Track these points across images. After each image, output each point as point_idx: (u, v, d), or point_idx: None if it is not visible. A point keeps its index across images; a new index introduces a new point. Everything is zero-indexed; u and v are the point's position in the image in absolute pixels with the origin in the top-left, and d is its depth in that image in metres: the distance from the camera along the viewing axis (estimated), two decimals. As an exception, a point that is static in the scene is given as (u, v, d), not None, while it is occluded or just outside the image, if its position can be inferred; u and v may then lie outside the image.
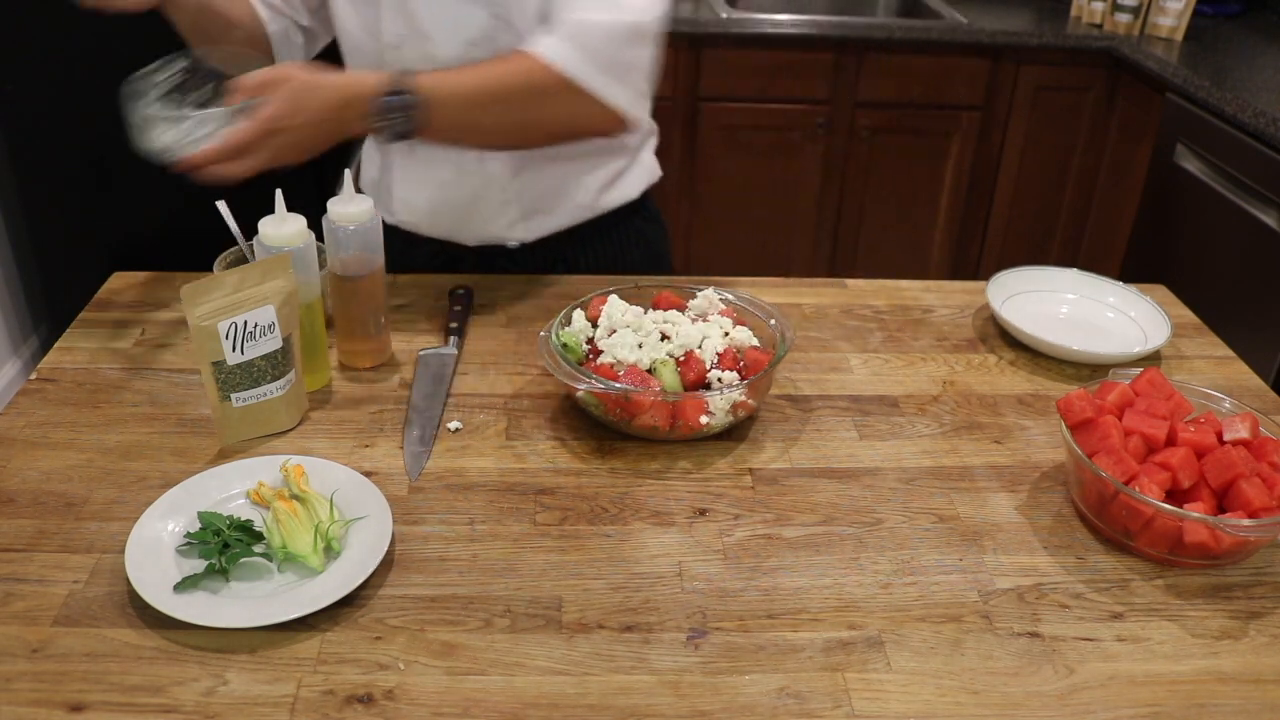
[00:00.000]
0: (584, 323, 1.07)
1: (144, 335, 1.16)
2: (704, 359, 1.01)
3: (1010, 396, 1.14)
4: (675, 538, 0.91)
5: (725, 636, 0.81)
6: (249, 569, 0.84)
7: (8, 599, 0.81)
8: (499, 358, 1.16)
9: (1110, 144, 2.78)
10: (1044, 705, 0.76)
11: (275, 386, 0.99)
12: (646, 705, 0.75)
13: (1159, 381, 0.99)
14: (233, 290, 0.94)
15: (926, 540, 0.92)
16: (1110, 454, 0.90)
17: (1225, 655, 0.82)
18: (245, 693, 0.74)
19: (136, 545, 0.84)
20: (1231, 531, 0.85)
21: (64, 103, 2.17)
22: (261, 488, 0.91)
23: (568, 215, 1.34)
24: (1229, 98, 2.20)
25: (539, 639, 0.80)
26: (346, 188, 1.05)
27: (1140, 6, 2.69)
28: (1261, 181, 2.12)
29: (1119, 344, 1.22)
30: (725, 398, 0.99)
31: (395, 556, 0.87)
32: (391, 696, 0.75)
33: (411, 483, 0.96)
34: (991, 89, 2.75)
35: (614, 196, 1.35)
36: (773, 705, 0.75)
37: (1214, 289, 2.25)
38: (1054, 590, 0.87)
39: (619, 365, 1.00)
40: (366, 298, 1.09)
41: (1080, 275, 1.33)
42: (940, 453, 1.04)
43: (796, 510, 0.95)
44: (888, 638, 0.81)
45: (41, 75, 2.15)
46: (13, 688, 0.74)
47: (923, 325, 1.27)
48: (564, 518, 0.93)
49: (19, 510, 0.91)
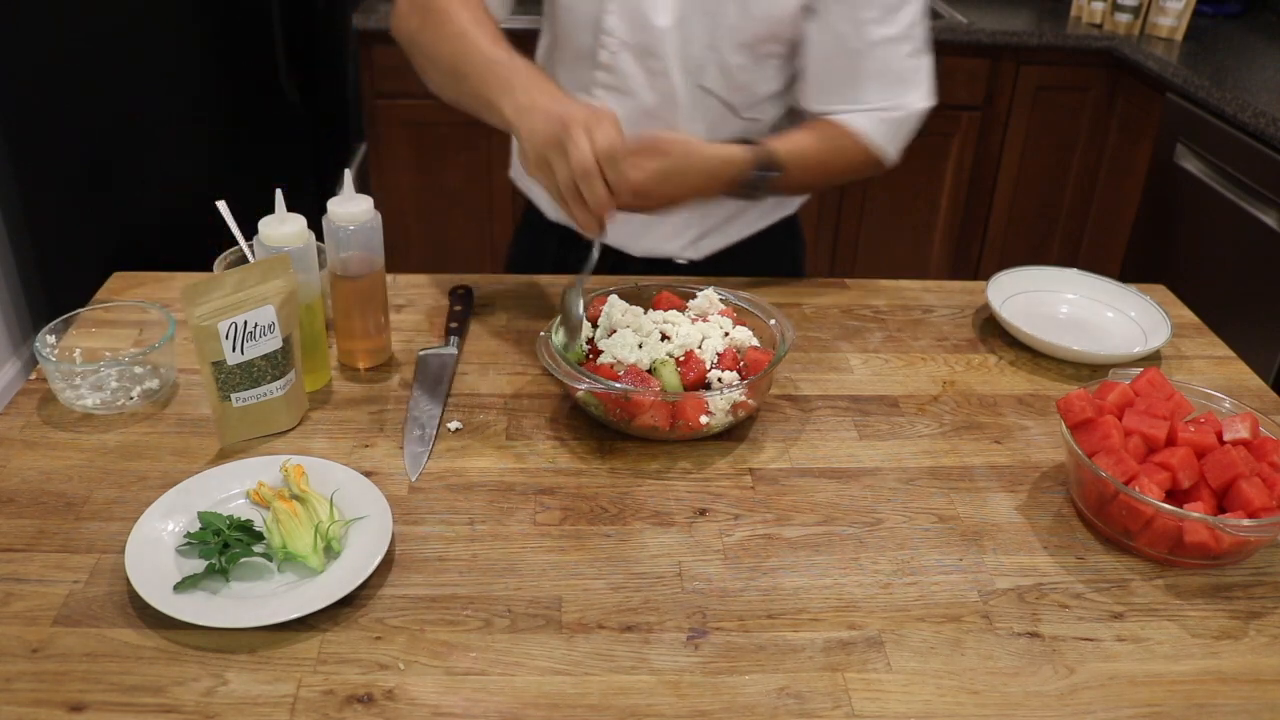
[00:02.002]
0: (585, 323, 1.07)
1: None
2: (704, 359, 1.01)
3: (1010, 396, 1.14)
4: (675, 538, 0.91)
5: (725, 636, 0.81)
6: (249, 569, 0.84)
7: (8, 599, 0.81)
8: (499, 358, 1.16)
9: (1110, 144, 2.78)
10: (1044, 705, 0.76)
11: (275, 386, 0.99)
12: (646, 705, 0.75)
13: (1159, 381, 0.99)
14: (233, 290, 0.94)
15: (926, 540, 0.92)
16: (1110, 454, 0.90)
17: (1225, 655, 0.82)
18: (245, 693, 0.74)
19: (136, 545, 0.84)
20: (1231, 531, 0.85)
21: (64, 103, 2.17)
22: (261, 488, 0.91)
23: (735, 233, 1.39)
24: (1229, 98, 2.20)
25: (539, 639, 0.80)
26: (346, 188, 1.05)
27: (1140, 6, 2.69)
28: (1261, 181, 2.12)
29: (1119, 344, 1.22)
30: (725, 398, 0.99)
31: (395, 556, 0.87)
32: (391, 696, 0.75)
33: (411, 483, 0.96)
34: (991, 89, 2.75)
35: (778, 214, 1.42)
36: (773, 705, 0.75)
37: (1214, 289, 2.25)
38: (1054, 590, 0.87)
39: (619, 365, 1.00)
40: (366, 298, 1.09)
41: (1080, 275, 1.33)
42: (940, 453, 1.04)
43: (796, 510, 0.95)
44: (888, 638, 0.81)
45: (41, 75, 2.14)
46: (13, 688, 0.74)
47: (923, 325, 1.27)
48: (564, 518, 0.93)
49: (19, 510, 0.91)
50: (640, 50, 1.21)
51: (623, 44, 1.21)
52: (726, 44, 1.21)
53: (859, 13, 1.18)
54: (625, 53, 1.22)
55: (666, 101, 1.24)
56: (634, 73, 1.23)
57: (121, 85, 2.17)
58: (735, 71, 1.23)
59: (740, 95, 1.26)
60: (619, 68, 1.23)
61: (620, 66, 1.23)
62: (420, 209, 2.88)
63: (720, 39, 1.21)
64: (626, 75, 1.23)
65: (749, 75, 1.25)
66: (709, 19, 1.19)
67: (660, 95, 1.24)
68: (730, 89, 1.25)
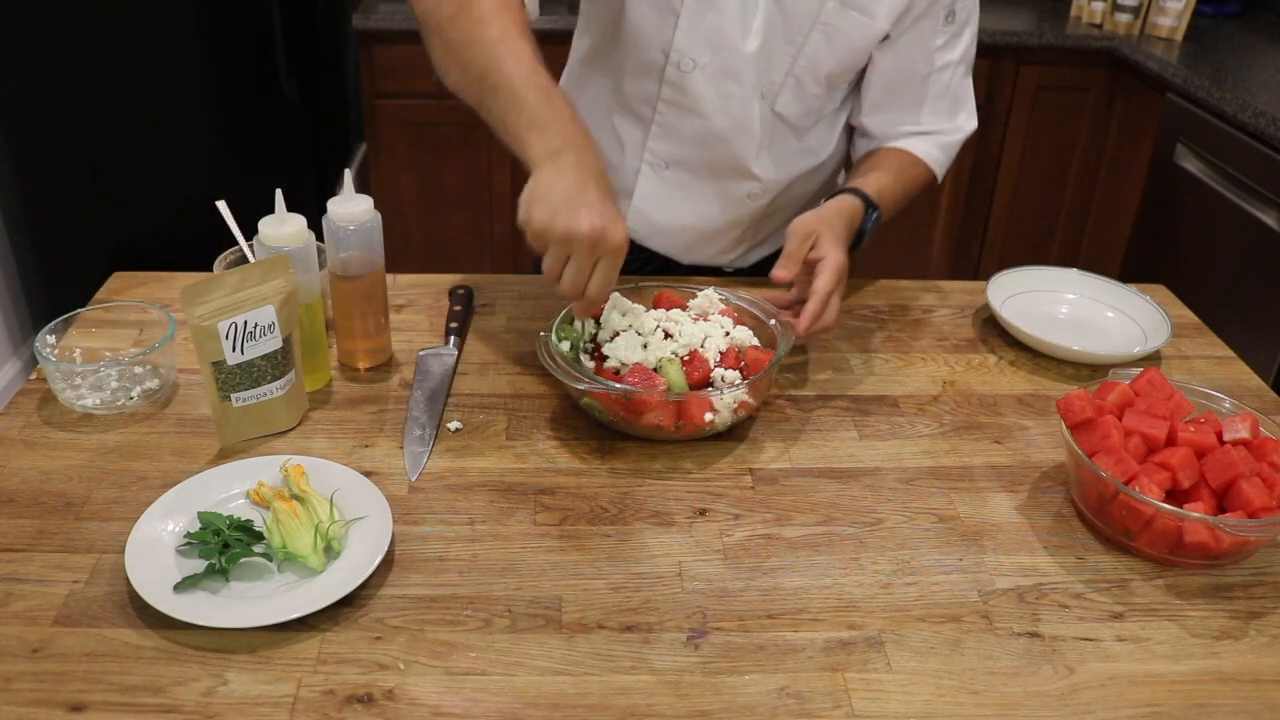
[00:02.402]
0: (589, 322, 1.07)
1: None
2: (708, 358, 1.01)
3: (1010, 396, 1.14)
4: (675, 538, 0.91)
5: (725, 636, 0.81)
6: (249, 569, 0.84)
7: (8, 599, 0.81)
8: (499, 358, 1.16)
9: (1110, 144, 2.78)
10: (1044, 705, 0.76)
11: (275, 386, 0.99)
12: (646, 705, 0.75)
13: (1159, 381, 0.99)
14: (233, 290, 0.94)
15: (926, 540, 0.92)
16: (1110, 454, 0.90)
17: (1225, 655, 0.82)
18: (245, 693, 0.74)
19: (136, 545, 0.84)
20: (1231, 531, 0.85)
21: (64, 102, 2.17)
22: (261, 488, 0.91)
23: (779, 242, 1.39)
24: (1229, 98, 2.20)
25: (539, 639, 0.80)
26: (346, 188, 1.05)
27: (1140, 6, 2.69)
28: (1261, 181, 2.12)
29: (1119, 344, 1.22)
30: (730, 395, 0.99)
31: (395, 556, 0.87)
32: (391, 696, 0.75)
33: (411, 483, 0.96)
34: (991, 89, 2.75)
35: None
36: (773, 705, 0.75)
37: (1214, 289, 2.25)
38: (1054, 590, 0.87)
39: (624, 367, 1.00)
40: (366, 298, 1.09)
41: (1080, 275, 1.33)
42: (940, 453, 1.04)
43: (796, 510, 0.95)
44: (888, 638, 0.81)
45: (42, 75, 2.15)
46: (13, 688, 0.74)
47: (923, 325, 1.27)
48: (564, 518, 0.93)
49: (19, 510, 0.91)
50: (719, 73, 1.19)
51: (698, 65, 1.19)
52: (807, 72, 1.21)
53: (930, 40, 1.21)
54: (698, 73, 1.19)
55: (739, 126, 1.23)
56: (706, 94, 1.21)
57: (122, 85, 2.17)
58: (809, 98, 1.24)
59: (809, 119, 1.27)
60: (690, 88, 1.21)
61: (691, 87, 1.21)
62: (420, 209, 2.88)
63: (801, 67, 1.20)
64: (698, 96, 1.21)
65: (820, 101, 1.26)
66: (792, 46, 1.19)
67: (732, 119, 1.23)
68: (802, 114, 1.26)
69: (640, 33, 1.20)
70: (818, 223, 1.13)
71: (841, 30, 1.17)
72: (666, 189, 1.32)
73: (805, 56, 1.19)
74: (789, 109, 1.24)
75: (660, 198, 1.32)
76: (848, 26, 1.17)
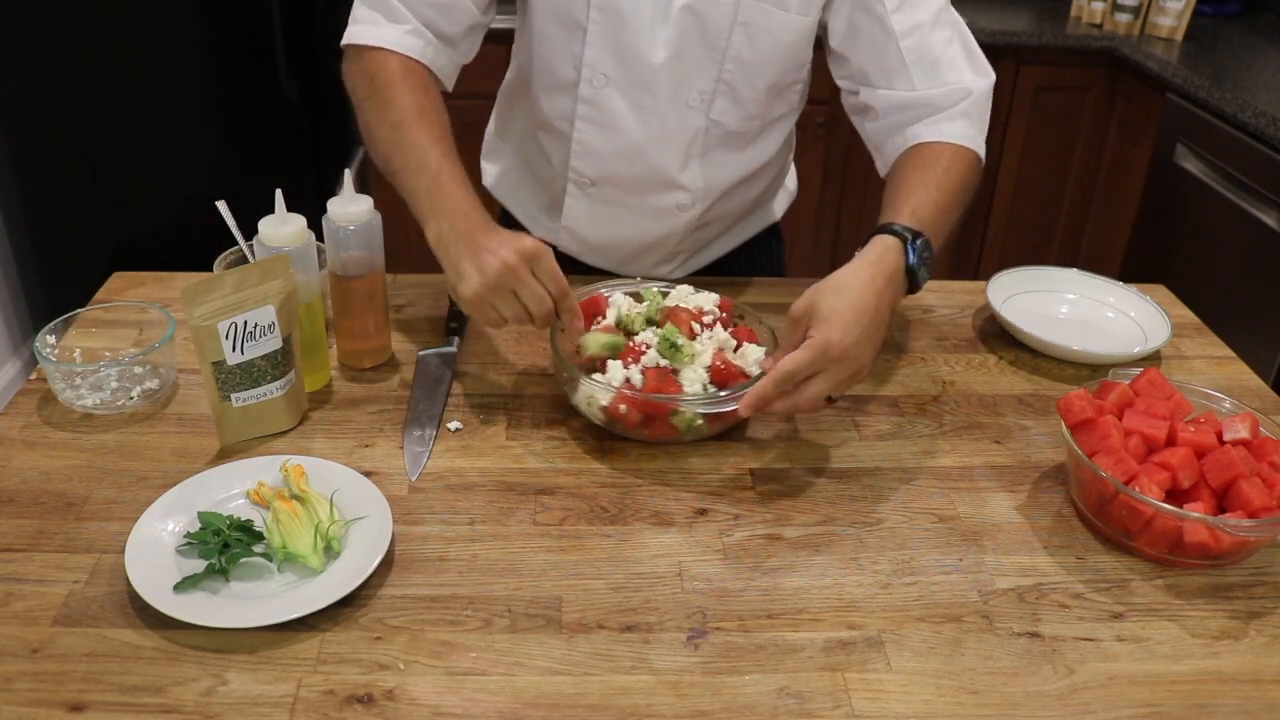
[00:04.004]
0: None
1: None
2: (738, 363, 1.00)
3: (1010, 396, 1.14)
4: (675, 538, 0.91)
5: (725, 636, 0.81)
6: (249, 569, 0.84)
7: (8, 599, 0.81)
8: (499, 358, 1.16)
9: (1110, 144, 2.78)
10: (1044, 705, 0.76)
11: (275, 386, 0.99)
12: (646, 705, 0.75)
13: (1159, 381, 0.99)
14: (233, 290, 0.94)
15: (926, 540, 0.92)
16: (1110, 454, 0.90)
17: (1225, 655, 0.82)
18: (245, 693, 0.74)
19: (136, 545, 0.84)
20: (1231, 531, 0.85)
21: (63, 102, 2.17)
22: (261, 488, 0.91)
23: (720, 249, 1.40)
24: (1229, 98, 2.20)
25: (539, 639, 0.80)
26: (346, 188, 1.05)
27: (1140, 6, 2.69)
28: (1261, 181, 2.12)
29: (1119, 344, 1.22)
30: (695, 401, 0.97)
31: (395, 556, 0.87)
32: (391, 696, 0.75)
33: (411, 483, 0.96)
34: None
35: (764, 223, 1.43)
36: (773, 705, 0.75)
37: (1214, 289, 2.25)
38: (1054, 590, 0.87)
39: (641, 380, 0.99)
40: (366, 298, 1.09)
41: (1080, 275, 1.33)
42: (940, 453, 1.04)
43: (796, 510, 0.95)
44: (888, 638, 0.81)
45: (42, 75, 2.15)
46: (13, 688, 0.74)
47: (923, 325, 1.27)
48: (564, 518, 0.93)
49: (19, 510, 0.91)
50: (631, 85, 1.17)
51: (610, 80, 1.17)
52: (739, 78, 1.17)
53: (874, 7, 1.14)
54: (611, 88, 1.18)
55: (658, 138, 1.20)
56: (620, 108, 1.19)
57: (121, 85, 2.17)
58: (748, 104, 1.20)
59: (751, 124, 1.23)
60: (603, 103, 1.19)
61: (605, 102, 1.19)
62: (420, 209, 2.88)
63: (730, 72, 1.16)
64: (612, 111, 1.19)
65: (763, 107, 1.22)
66: (715, 53, 1.15)
67: (651, 131, 1.20)
68: (743, 120, 1.22)
69: (552, 50, 1.19)
70: (815, 294, 0.97)
71: (761, 27, 1.14)
72: (594, 205, 1.29)
73: (732, 61, 1.16)
74: (726, 116, 1.21)
75: (589, 215, 1.30)
76: (765, 22, 1.14)
